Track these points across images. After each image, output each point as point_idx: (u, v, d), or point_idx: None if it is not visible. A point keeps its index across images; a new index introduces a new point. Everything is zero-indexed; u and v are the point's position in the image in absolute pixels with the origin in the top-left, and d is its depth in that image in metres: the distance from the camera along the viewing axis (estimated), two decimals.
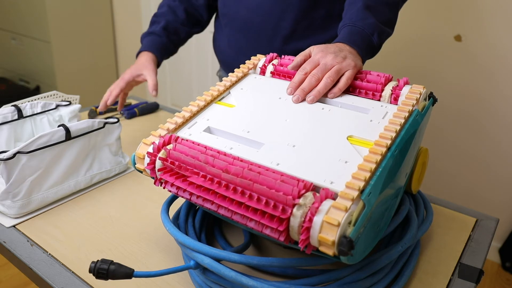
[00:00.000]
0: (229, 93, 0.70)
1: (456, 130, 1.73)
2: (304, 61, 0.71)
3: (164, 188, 0.57)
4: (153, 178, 0.59)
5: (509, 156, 1.65)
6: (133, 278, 0.51)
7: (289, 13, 0.96)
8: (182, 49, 2.64)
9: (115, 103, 1.22)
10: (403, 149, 0.55)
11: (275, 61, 0.76)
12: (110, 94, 1.02)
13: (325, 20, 0.98)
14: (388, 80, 0.67)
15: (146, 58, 1.05)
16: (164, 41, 1.08)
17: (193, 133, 0.61)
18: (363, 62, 0.77)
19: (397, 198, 0.60)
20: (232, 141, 0.58)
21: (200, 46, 2.35)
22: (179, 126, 0.63)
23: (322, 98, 0.67)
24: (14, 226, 0.71)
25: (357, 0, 0.83)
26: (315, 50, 0.72)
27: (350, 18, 0.81)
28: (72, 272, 0.62)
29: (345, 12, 0.85)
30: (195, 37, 2.49)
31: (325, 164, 0.52)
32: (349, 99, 0.66)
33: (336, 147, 0.55)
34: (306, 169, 0.52)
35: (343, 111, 0.63)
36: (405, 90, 0.64)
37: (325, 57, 0.70)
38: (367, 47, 0.78)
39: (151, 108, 1.21)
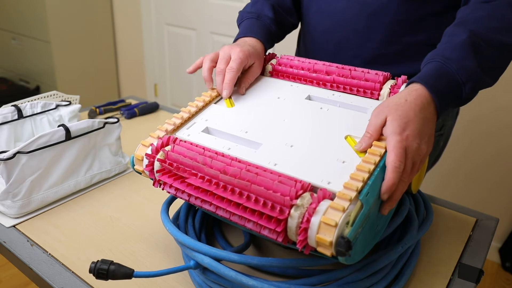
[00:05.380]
0: None
1: (455, 130, 1.72)
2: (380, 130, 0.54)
3: (163, 189, 0.57)
4: (152, 179, 0.59)
5: (509, 156, 1.65)
6: (133, 278, 0.51)
7: (377, 33, 0.78)
8: (182, 49, 2.64)
9: (115, 102, 1.22)
10: None
11: (273, 61, 0.76)
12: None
13: (424, 48, 0.69)
14: (387, 79, 0.67)
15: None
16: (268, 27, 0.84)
17: (191, 133, 0.61)
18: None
19: None
20: (230, 141, 0.58)
21: (200, 46, 2.35)
22: (178, 127, 0.63)
23: (320, 97, 0.67)
24: (14, 226, 0.71)
25: (461, 31, 0.61)
26: (395, 130, 0.53)
27: (444, 51, 0.60)
28: (72, 272, 0.62)
29: (442, 41, 0.63)
30: (195, 37, 2.50)
31: (322, 164, 0.52)
32: (347, 98, 0.66)
33: (334, 147, 0.55)
34: (304, 170, 0.52)
35: (341, 110, 0.63)
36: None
37: (415, 151, 0.53)
38: (451, 98, 0.59)
39: (151, 108, 1.21)
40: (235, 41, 0.78)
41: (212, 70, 0.71)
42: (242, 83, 0.71)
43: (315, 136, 0.58)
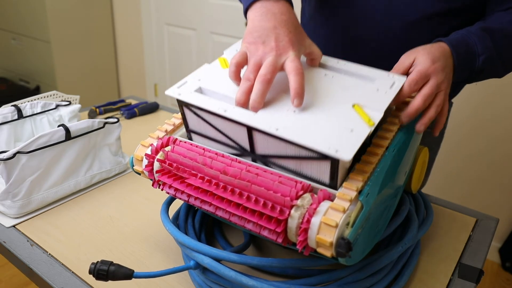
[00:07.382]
0: (223, 53, 0.64)
1: (456, 130, 1.73)
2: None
3: (162, 190, 0.57)
4: (151, 180, 0.59)
5: (509, 156, 1.65)
6: (133, 279, 0.51)
7: (415, 43, 0.71)
8: (182, 49, 2.64)
9: (115, 102, 1.22)
10: (401, 148, 0.55)
11: None
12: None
13: None
14: None
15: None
16: None
17: (182, 93, 0.55)
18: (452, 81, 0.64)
19: (396, 198, 0.60)
20: (226, 102, 0.53)
21: (201, 46, 2.35)
22: (177, 128, 0.63)
23: (323, 63, 0.62)
24: (14, 226, 0.71)
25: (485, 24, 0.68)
26: (425, 61, 0.59)
27: (469, 28, 0.67)
28: (72, 272, 0.62)
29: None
30: (195, 36, 2.50)
31: (329, 131, 0.48)
32: (353, 67, 0.60)
33: (341, 115, 0.51)
34: (310, 135, 0.48)
35: (347, 78, 0.58)
36: None
37: (436, 76, 0.58)
38: (465, 66, 0.65)
39: (151, 108, 1.21)
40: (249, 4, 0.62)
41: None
42: None
43: (319, 102, 0.53)
